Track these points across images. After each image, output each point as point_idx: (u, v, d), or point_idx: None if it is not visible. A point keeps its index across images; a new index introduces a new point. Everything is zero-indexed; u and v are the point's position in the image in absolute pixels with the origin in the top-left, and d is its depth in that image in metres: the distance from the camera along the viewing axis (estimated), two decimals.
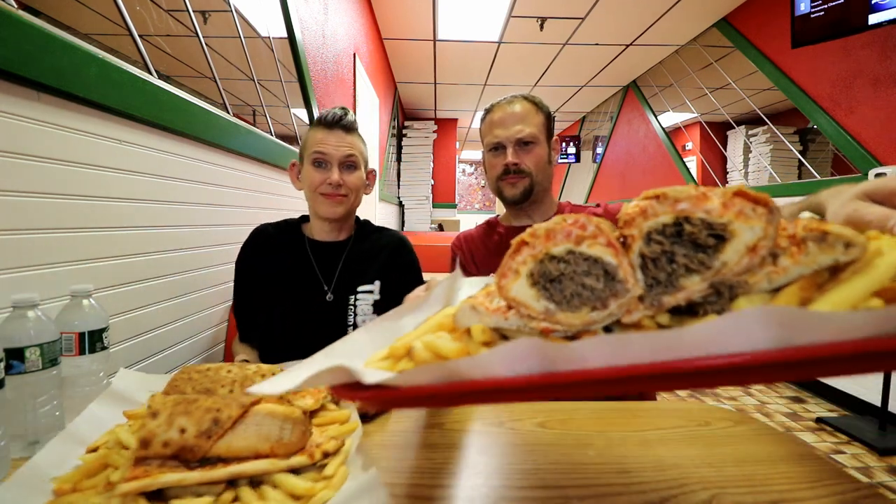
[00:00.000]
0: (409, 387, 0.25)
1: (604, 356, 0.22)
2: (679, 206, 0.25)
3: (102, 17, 0.89)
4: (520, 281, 0.28)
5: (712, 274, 0.25)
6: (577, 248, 0.27)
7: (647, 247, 0.26)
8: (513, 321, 0.28)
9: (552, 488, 0.42)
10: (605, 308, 0.27)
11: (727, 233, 0.25)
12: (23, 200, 0.66)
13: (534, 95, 1.02)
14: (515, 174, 0.97)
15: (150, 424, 0.39)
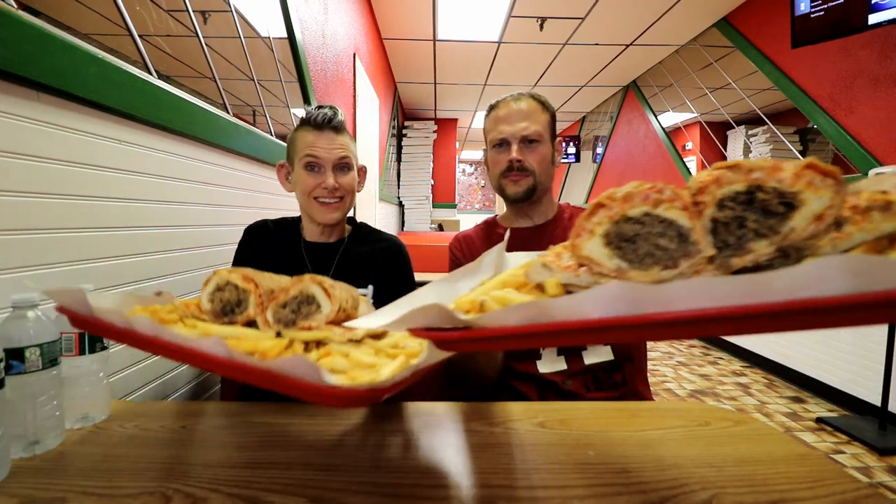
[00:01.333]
0: (497, 326, 0.27)
1: (692, 299, 0.22)
2: (753, 175, 0.27)
3: (102, 17, 0.89)
4: (594, 240, 0.30)
5: (780, 239, 0.27)
6: (653, 210, 0.29)
7: (720, 212, 0.28)
8: (583, 278, 0.31)
9: (552, 488, 0.42)
10: (675, 267, 0.28)
11: (797, 201, 0.26)
12: (23, 200, 0.66)
13: (539, 94, 1.01)
14: (519, 171, 0.96)
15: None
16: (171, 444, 0.51)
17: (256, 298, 0.55)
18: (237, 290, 0.55)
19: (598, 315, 0.25)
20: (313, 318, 0.54)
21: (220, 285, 0.56)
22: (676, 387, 2.64)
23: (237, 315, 0.55)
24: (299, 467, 0.46)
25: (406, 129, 6.29)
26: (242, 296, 0.55)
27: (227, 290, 0.55)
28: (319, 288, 0.55)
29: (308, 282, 0.55)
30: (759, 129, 3.31)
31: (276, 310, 0.54)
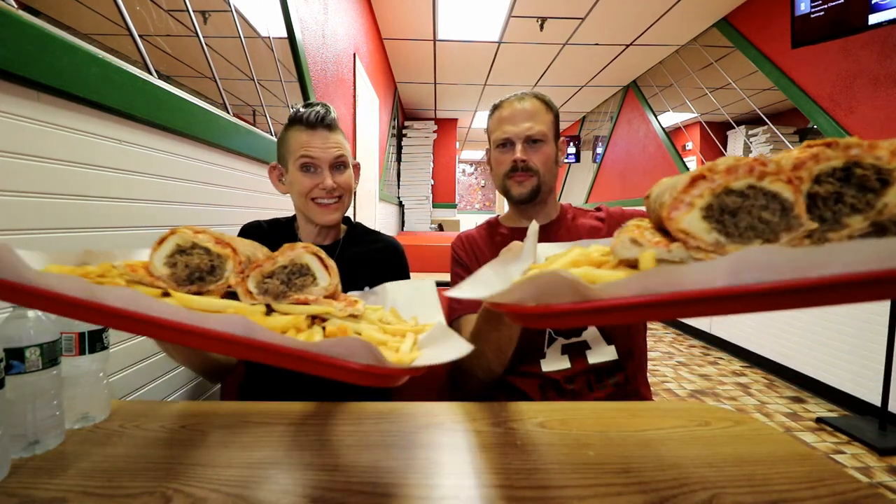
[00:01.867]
0: (615, 297, 0.26)
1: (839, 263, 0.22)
2: (851, 152, 0.28)
3: (102, 17, 0.89)
4: (693, 213, 0.29)
5: (875, 214, 0.27)
6: (758, 182, 0.28)
7: (818, 187, 0.28)
8: (676, 253, 0.29)
9: (552, 488, 0.42)
10: (776, 241, 0.28)
11: (892, 178, 0.27)
12: (23, 200, 0.66)
13: (543, 94, 1.00)
14: (523, 171, 0.96)
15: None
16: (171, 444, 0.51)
17: (236, 265, 0.48)
18: (209, 254, 0.48)
19: (727, 283, 0.24)
20: (308, 291, 0.49)
21: (183, 247, 0.47)
22: (676, 387, 2.64)
23: (208, 284, 0.47)
24: (299, 467, 0.46)
25: (406, 129, 6.29)
26: (217, 261, 0.48)
27: (195, 254, 0.47)
28: (315, 258, 0.50)
29: (301, 250, 0.50)
30: (759, 129, 3.31)
31: (259, 280, 0.48)
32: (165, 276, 0.47)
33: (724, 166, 0.29)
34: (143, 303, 0.36)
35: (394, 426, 0.56)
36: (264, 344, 0.35)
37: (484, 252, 1.03)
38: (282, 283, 0.48)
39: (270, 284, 0.48)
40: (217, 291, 0.48)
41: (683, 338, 3.83)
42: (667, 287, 0.25)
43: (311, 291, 0.49)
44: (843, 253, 0.22)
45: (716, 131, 3.87)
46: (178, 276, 0.47)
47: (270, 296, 0.48)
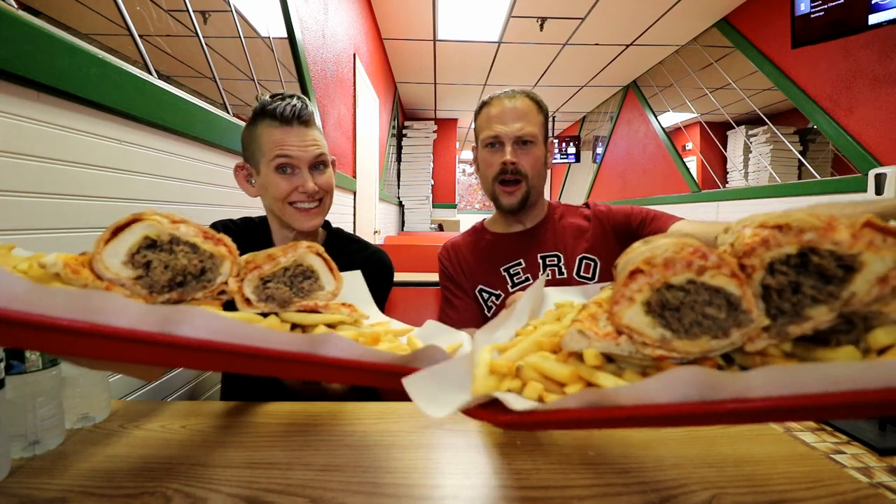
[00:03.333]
0: (556, 410, 0.26)
1: (772, 386, 0.21)
2: (804, 237, 0.25)
3: (102, 17, 0.89)
4: (634, 308, 0.28)
5: (840, 304, 0.24)
6: (698, 278, 0.26)
7: (771, 277, 0.26)
8: (624, 347, 0.28)
9: (552, 488, 0.42)
10: (726, 337, 0.26)
11: (856, 263, 0.24)
12: (22, 200, 0.66)
13: (534, 93, 0.97)
14: (513, 175, 0.93)
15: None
16: (171, 444, 0.51)
17: (233, 268, 0.40)
18: (197, 253, 0.38)
19: (665, 401, 0.23)
20: (315, 297, 0.43)
21: (157, 241, 0.36)
22: None
23: (194, 291, 0.38)
24: (299, 467, 0.46)
25: (406, 129, 6.29)
26: (209, 263, 0.38)
27: (178, 252, 0.37)
28: (320, 259, 0.45)
29: (305, 250, 0.44)
30: (759, 129, 3.31)
31: (257, 284, 0.41)
32: (128, 280, 0.35)
33: (661, 259, 0.27)
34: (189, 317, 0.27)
35: (394, 426, 0.56)
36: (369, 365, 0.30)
37: (468, 260, 1.00)
38: (285, 286, 0.42)
39: (275, 289, 0.41)
40: (206, 298, 0.39)
41: None
42: (604, 403, 0.25)
43: (318, 296, 0.43)
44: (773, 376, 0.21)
45: (716, 131, 3.87)
46: (155, 281, 0.36)
47: (275, 302, 0.41)
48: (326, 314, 0.43)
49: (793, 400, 0.21)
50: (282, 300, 0.42)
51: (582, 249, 0.95)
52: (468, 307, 0.97)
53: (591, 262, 0.93)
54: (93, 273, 0.34)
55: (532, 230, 0.99)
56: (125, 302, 0.26)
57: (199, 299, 0.38)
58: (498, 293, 0.94)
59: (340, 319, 0.43)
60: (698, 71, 4.03)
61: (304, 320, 0.41)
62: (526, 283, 0.92)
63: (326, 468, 0.46)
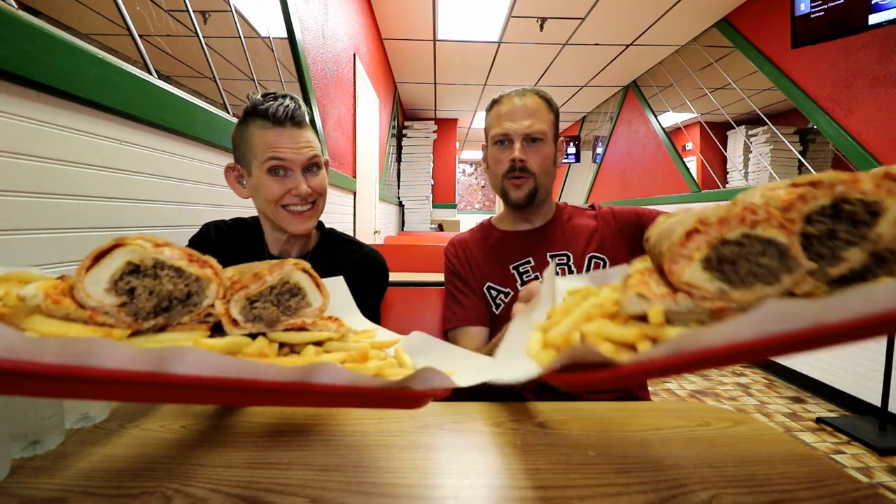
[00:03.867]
0: (646, 361, 0.27)
1: (847, 310, 0.23)
2: (836, 189, 0.29)
3: (102, 17, 0.89)
4: (693, 266, 0.30)
5: (870, 244, 0.29)
6: (752, 231, 0.29)
7: (810, 226, 0.29)
8: (683, 304, 0.30)
9: (552, 488, 0.42)
10: (778, 283, 0.29)
11: (880, 208, 0.28)
12: (23, 200, 0.66)
13: (545, 91, 0.97)
14: (521, 172, 0.93)
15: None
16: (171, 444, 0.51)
17: (220, 291, 0.39)
18: (181, 277, 0.37)
19: (752, 336, 0.25)
20: (302, 314, 0.43)
21: (140, 266, 0.35)
22: (676, 387, 2.64)
23: (180, 315, 0.37)
24: (299, 467, 0.46)
25: (406, 129, 6.29)
26: (195, 286, 0.38)
27: (162, 277, 0.36)
28: (307, 276, 0.44)
29: (292, 268, 0.43)
30: (759, 129, 3.31)
31: (244, 305, 0.40)
32: (112, 307, 0.34)
33: (715, 218, 0.30)
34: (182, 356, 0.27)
35: (394, 426, 0.56)
36: (363, 391, 0.31)
37: (476, 257, 1.00)
38: (272, 304, 0.42)
39: (262, 309, 0.41)
40: (188, 324, 0.38)
41: None
42: (694, 347, 0.26)
43: (305, 314, 0.43)
44: (854, 300, 0.23)
45: (716, 131, 3.87)
46: (140, 308, 0.35)
47: (263, 322, 0.41)
48: (314, 331, 0.42)
49: (867, 318, 0.23)
50: (269, 320, 0.41)
51: (591, 249, 0.95)
52: (474, 305, 0.96)
53: (601, 261, 0.93)
54: (74, 302, 0.33)
55: (541, 229, 0.99)
56: (115, 345, 0.26)
57: (185, 323, 0.38)
58: (507, 291, 0.94)
59: (328, 336, 0.43)
60: (698, 71, 4.03)
61: (292, 339, 0.41)
62: (535, 281, 0.93)
63: (326, 468, 0.46)
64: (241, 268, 0.44)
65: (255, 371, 0.28)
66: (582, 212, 1.04)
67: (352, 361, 0.40)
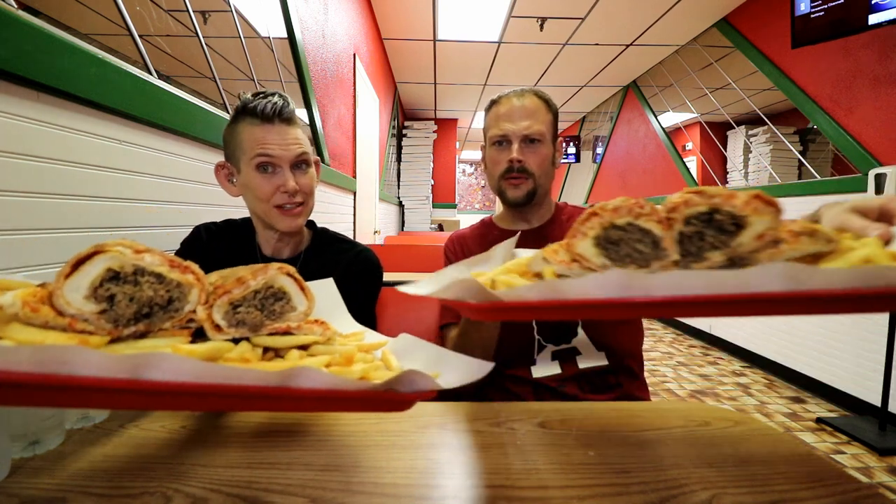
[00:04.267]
0: (520, 300, 0.33)
1: (668, 287, 0.30)
2: (713, 200, 0.34)
3: (102, 17, 0.89)
4: (586, 241, 0.37)
5: (730, 251, 0.34)
6: (636, 221, 0.36)
7: (686, 227, 0.35)
8: (574, 271, 0.38)
9: (552, 488, 0.42)
10: (647, 266, 0.36)
11: (744, 223, 0.34)
12: (23, 200, 0.67)
13: (544, 92, 0.97)
14: (519, 173, 0.93)
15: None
16: (171, 444, 0.51)
17: (202, 296, 0.39)
18: (162, 283, 0.37)
19: (598, 295, 0.31)
20: (287, 318, 0.43)
21: (120, 273, 0.35)
22: (676, 387, 2.64)
23: (161, 321, 0.37)
24: (299, 467, 0.46)
25: (406, 129, 6.29)
26: (176, 292, 0.37)
27: (143, 283, 0.35)
28: (291, 280, 0.44)
29: (276, 272, 0.43)
30: (759, 129, 3.31)
31: (227, 310, 0.40)
32: (92, 314, 0.33)
33: (611, 206, 0.37)
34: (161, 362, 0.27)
35: (394, 426, 0.56)
36: (345, 394, 0.31)
37: (476, 250, 1.00)
38: (256, 309, 0.41)
39: (245, 314, 0.40)
40: (170, 330, 0.38)
41: (683, 338, 3.83)
42: (554, 295, 0.32)
43: (289, 318, 0.43)
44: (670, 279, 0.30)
45: (716, 131, 3.87)
46: (120, 315, 0.34)
47: (246, 327, 0.40)
48: (299, 335, 0.42)
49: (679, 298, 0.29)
50: (253, 324, 0.41)
51: None
52: None
53: None
54: (53, 310, 0.32)
55: (539, 229, 1.00)
56: (89, 353, 0.26)
57: (166, 329, 0.37)
58: None
59: (314, 340, 0.43)
60: (698, 71, 4.03)
61: (275, 343, 0.41)
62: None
63: (326, 468, 0.46)
64: (226, 272, 0.44)
65: (232, 376, 0.28)
66: (581, 212, 1.03)
67: (337, 365, 0.39)
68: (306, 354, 0.42)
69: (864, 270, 0.27)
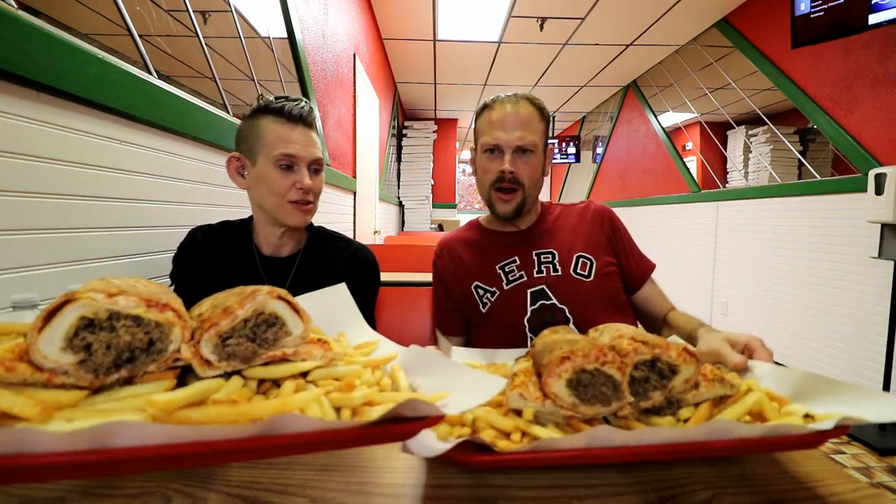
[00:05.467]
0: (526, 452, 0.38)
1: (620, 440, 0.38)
2: (655, 350, 0.45)
3: (102, 17, 0.89)
4: (560, 382, 0.43)
5: (667, 392, 0.45)
6: (601, 367, 0.44)
7: (635, 371, 0.45)
8: (548, 408, 0.44)
9: (552, 488, 0.42)
10: (609, 406, 0.43)
11: (677, 369, 0.45)
12: (23, 200, 0.67)
13: (537, 98, 0.95)
14: (510, 184, 0.92)
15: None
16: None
17: (185, 333, 0.37)
18: (139, 325, 0.35)
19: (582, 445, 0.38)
20: (282, 344, 0.40)
21: (94, 319, 0.33)
22: None
23: (144, 364, 0.35)
24: (299, 467, 0.46)
25: (406, 129, 6.29)
26: (156, 333, 0.35)
27: (119, 328, 0.34)
28: (284, 304, 0.41)
29: (266, 297, 0.40)
30: (759, 129, 3.31)
31: (216, 343, 0.38)
32: (70, 366, 0.32)
33: (581, 353, 0.44)
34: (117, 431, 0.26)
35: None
36: (333, 435, 0.30)
37: (463, 258, 1.00)
38: (248, 339, 0.39)
39: (236, 346, 0.38)
40: (156, 372, 0.36)
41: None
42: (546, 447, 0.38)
43: (285, 343, 0.40)
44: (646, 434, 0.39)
45: (716, 131, 3.87)
46: (99, 364, 0.33)
47: (238, 359, 0.38)
48: (296, 362, 0.40)
49: (636, 448, 0.38)
50: (244, 356, 0.38)
51: (578, 248, 0.96)
52: (452, 318, 1.01)
53: (588, 260, 0.94)
54: (31, 366, 0.31)
55: (527, 230, 1.00)
56: (41, 434, 0.24)
57: (152, 372, 0.36)
58: (493, 290, 0.94)
59: (313, 365, 0.40)
60: (698, 71, 4.03)
61: (270, 374, 0.39)
62: (520, 280, 0.93)
63: (326, 468, 0.46)
64: (219, 299, 0.42)
65: (203, 434, 0.27)
66: (569, 209, 1.04)
67: (337, 392, 0.38)
68: (305, 382, 0.40)
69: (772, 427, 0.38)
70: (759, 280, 3.14)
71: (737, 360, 0.57)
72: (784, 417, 0.43)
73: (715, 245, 3.65)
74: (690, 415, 0.45)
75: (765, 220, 3.09)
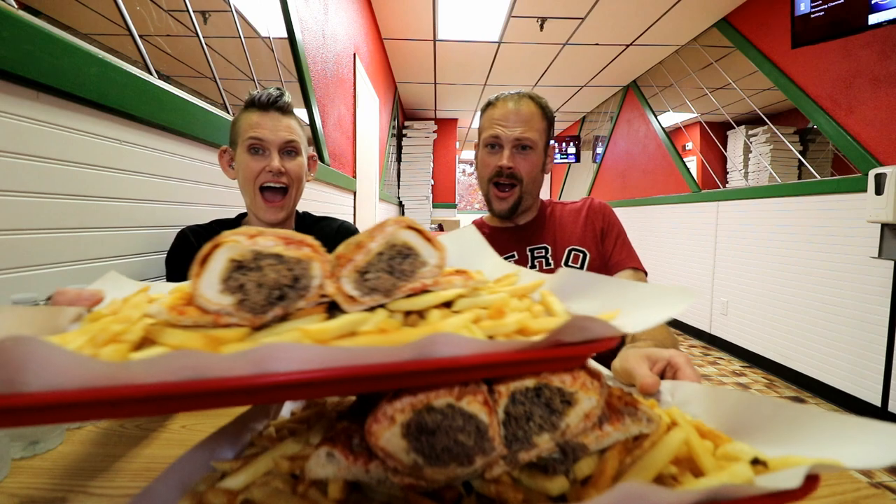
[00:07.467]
0: None
1: None
2: (541, 374, 0.30)
3: (102, 17, 0.89)
4: (394, 429, 0.27)
5: (559, 434, 0.30)
6: (457, 402, 0.28)
7: (513, 406, 0.29)
8: (374, 474, 0.28)
9: None
10: (471, 465, 0.28)
11: (573, 399, 0.30)
12: (23, 200, 0.66)
13: (540, 97, 0.97)
14: (508, 179, 0.93)
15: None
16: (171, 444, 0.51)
17: (325, 268, 0.36)
18: (283, 262, 0.35)
19: None
20: (421, 275, 0.38)
21: (241, 261, 0.34)
22: None
23: (295, 301, 0.35)
24: None
25: (406, 129, 6.29)
26: (298, 269, 0.35)
27: (265, 267, 0.34)
28: (414, 232, 0.39)
29: (395, 227, 0.38)
30: (759, 129, 3.31)
31: (356, 278, 0.37)
32: (231, 306, 0.33)
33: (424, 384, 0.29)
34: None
35: None
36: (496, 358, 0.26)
37: None
38: (386, 272, 0.37)
39: (375, 280, 0.37)
40: (306, 308, 0.36)
41: (683, 338, 3.83)
42: None
43: (422, 274, 0.38)
44: None
45: (716, 131, 3.87)
46: (253, 303, 0.34)
47: (380, 293, 0.37)
48: (437, 291, 0.37)
49: None
50: (385, 289, 0.37)
51: (573, 242, 0.97)
52: None
53: (580, 253, 0.96)
54: (198, 309, 0.33)
55: (524, 226, 1.02)
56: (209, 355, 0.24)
57: (303, 309, 0.35)
58: None
59: (457, 293, 0.37)
60: (698, 71, 4.03)
61: (414, 305, 0.36)
62: None
63: None
64: (349, 240, 0.41)
65: (360, 356, 0.25)
66: (565, 206, 1.06)
67: (487, 319, 0.34)
68: (450, 312, 0.37)
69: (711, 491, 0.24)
70: (760, 280, 3.14)
71: (647, 380, 0.44)
72: (724, 465, 0.30)
73: (715, 245, 3.65)
74: (592, 471, 0.30)
75: (765, 220, 3.09)
